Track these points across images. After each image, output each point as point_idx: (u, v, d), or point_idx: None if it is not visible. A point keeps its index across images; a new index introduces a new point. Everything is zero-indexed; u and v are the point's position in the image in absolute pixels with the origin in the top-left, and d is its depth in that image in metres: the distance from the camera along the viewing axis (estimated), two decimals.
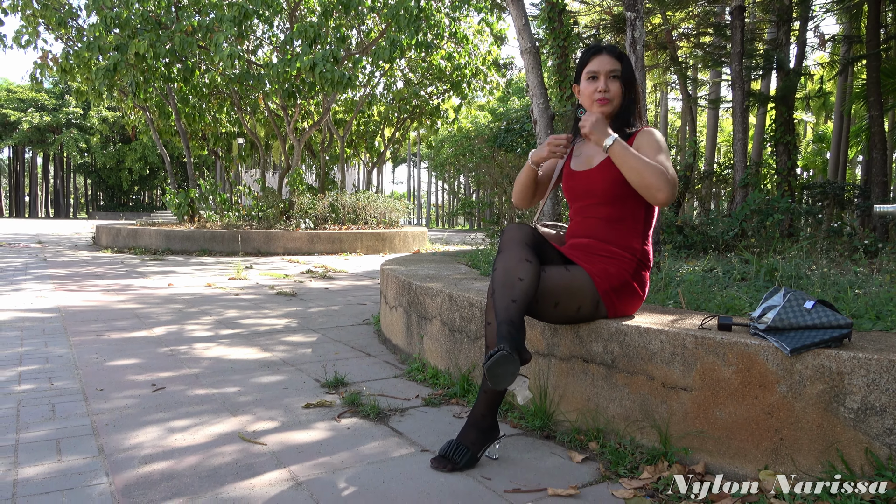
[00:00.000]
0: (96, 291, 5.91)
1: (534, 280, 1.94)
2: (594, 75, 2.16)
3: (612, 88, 2.15)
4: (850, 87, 13.62)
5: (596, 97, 2.15)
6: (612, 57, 2.16)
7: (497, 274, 1.95)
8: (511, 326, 1.86)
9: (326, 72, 10.13)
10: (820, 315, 1.74)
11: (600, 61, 2.16)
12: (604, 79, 2.15)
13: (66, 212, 55.35)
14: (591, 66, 2.17)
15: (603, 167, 2.16)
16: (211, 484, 1.80)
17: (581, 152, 2.30)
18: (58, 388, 2.75)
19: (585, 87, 2.19)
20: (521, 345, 1.87)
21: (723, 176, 9.00)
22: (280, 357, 3.41)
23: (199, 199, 13.70)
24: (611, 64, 2.15)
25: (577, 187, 2.24)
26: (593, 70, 2.16)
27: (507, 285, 1.92)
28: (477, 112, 26.96)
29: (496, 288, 1.94)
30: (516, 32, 4.52)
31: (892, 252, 4.36)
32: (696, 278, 3.17)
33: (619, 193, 2.13)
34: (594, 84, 2.16)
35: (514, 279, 1.92)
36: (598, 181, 2.16)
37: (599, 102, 2.15)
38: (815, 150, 24.72)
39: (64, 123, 45.93)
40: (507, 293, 1.91)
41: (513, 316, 1.88)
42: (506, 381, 1.78)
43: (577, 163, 2.28)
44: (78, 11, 12.72)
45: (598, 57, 2.17)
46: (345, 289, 6.45)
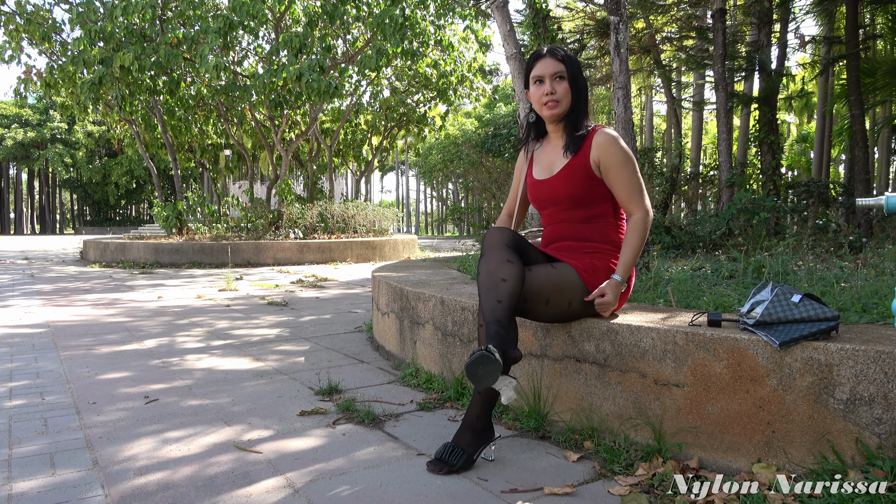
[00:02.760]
0: (85, 306, 5.86)
1: (517, 280, 1.95)
2: (540, 79, 2.18)
3: (558, 90, 2.16)
4: (831, 87, 13.80)
5: (544, 101, 2.17)
6: (554, 59, 2.16)
7: (481, 278, 1.97)
8: (499, 326, 1.87)
9: (313, 81, 10.14)
10: (808, 308, 1.76)
11: (543, 65, 2.17)
12: (549, 81, 2.16)
13: (52, 227, 54.82)
14: (535, 71, 2.19)
15: (563, 174, 2.19)
16: (208, 493, 1.80)
17: (540, 159, 2.31)
18: (49, 402, 2.73)
19: (534, 92, 2.21)
20: (508, 344, 1.87)
21: (709, 177, 9.08)
22: (273, 366, 3.40)
23: (187, 211, 13.63)
24: (554, 66, 2.16)
25: (542, 196, 2.27)
26: (538, 74, 2.18)
27: (491, 288, 1.93)
28: (464, 119, 27.04)
29: (481, 292, 1.96)
30: (501, 39, 4.56)
31: (876, 247, 4.42)
32: (685, 277, 3.20)
33: (582, 197, 2.17)
34: (541, 88, 2.17)
35: (498, 281, 1.93)
36: (561, 188, 2.19)
37: (548, 106, 2.17)
38: (798, 150, 24.99)
39: (49, 138, 45.55)
40: (492, 295, 1.92)
41: (499, 316, 1.89)
42: (486, 381, 1.77)
43: (539, 170, 2.30)
44: (62, 25, 12.65)
45: (540, 61, 2.18)
46: (336, 297, 6.44)
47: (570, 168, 2.17)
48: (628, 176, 2.13)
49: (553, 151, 2.26)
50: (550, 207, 2.26)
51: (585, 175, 2.15)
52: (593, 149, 2.15)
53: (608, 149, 2.13)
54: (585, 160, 2.16)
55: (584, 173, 2.15)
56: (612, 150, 2.12)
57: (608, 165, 2.13)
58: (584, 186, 2.15)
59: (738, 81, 11.14)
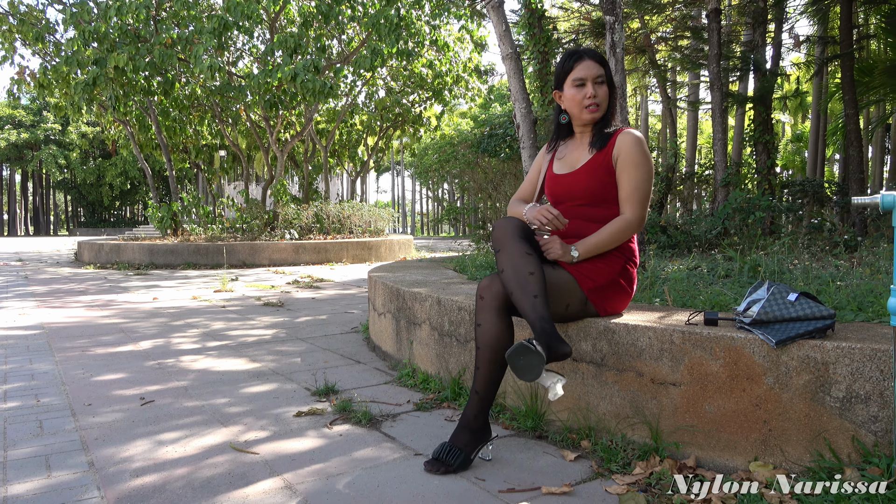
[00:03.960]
0: (80, 307, 5.84)
1: (542, 270, 1.95)
2: (581, 82, 2.16)
3: (600, 93, 2.16)
4: (825, 87, 13.84)
5: (586, 104, 2.16)
6: (595, 62, 2.16)
7: (508, 274, 1.94)
8: (544, 322, 1.84)
9: (308, 81, 10.13)
10: (804, 307, 1.77)
11: (587, 67, 2.15)
12: (592, 85, 2.15)
13: (46, 229, 54.57)
14: (577, 73, 2.16)
15: (586, 169, 2.18)
16: (205, 494, 1.79)
17: (564, 155, 2.31)
18: (45, 404, 2.72)
19: (574, 94, 2.18)
20: (554, 339, 1.82)
21: (704, 176, 9.10)
22: (269, 367, 3.39)
23: (182, 212, 13.58)
24: (596, 70, 2.15)
25: (560, 190, 2.26)
26: (580, 77, 2.16)
27: (522, 284, 1.91)
28: (459, 119, 27.04)
29: (513, 290, 1.92)
30: (497, 39, 4.56)
31: (871, 246, 4.43)
32: (682, 276, 3.21)
33: (600, 195, 2.16)
34: (582, 91, 2.16)
35: (526, 275, 1.92)
36: (581, 182, 2.18)
37: (590, 110, 2.16)
38: (793, 150, 25.05)
39: (42, 140, 45.33)
40: (527, 291, 1.90)
41: (542, 312, 1.86)
42: (529, 373, 1.77)
43: (560, 166, 2.30)
44: (55, 26, 12.59)
45: (582, 62, 2.16)
46: (332, 298, 6.43)
47: (593, 163, 2.17)
48: (639, 179, 2.12)
49: (578, 149, 2.26)
50: (567, 202, 2.25)
51: (605, 172, 2.15)
52: (616, 145, 2.15)
53: (629, 148, 2.13)
54: (608, 157, 2.16)
55: (604, 170, 2.16)
56: (632, 150, 2.13)
57: (624, 163, 2.13)
58: (603, 183, 2.15)
59: (733, 81, 11.18)
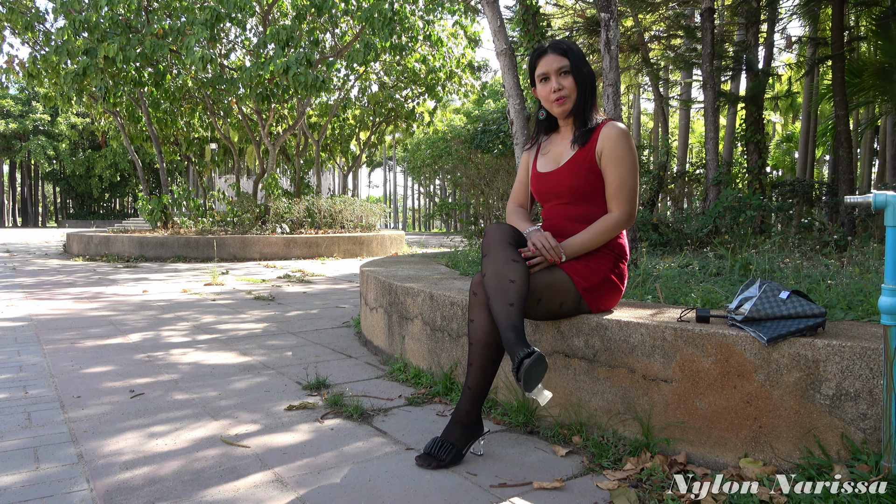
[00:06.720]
0: (68, 299, 5.79)
1: (525, 279, 1.94)
2: (545, 77, 2.16)
3: (565, 85, 2.14)
4: (816, 88, 13.92)
5: (552, 98, 2.15)
6: (557, 54, 2.14)
7: (489, 279, 1.94)
8: (515, 332, 1.84)
9: (300, 75, 10.08)
10: (795, 305, 1.78)
11: (547, 61, 2.15)
12: (555, 77, 2.14)
13: (34, 220, 54.09)
14: (540, 69, 2.17)
15: (568, 167, 2.17)
16: (195, 487, 1.78)
17: (548, 151, 2.29)
18: (33, 396, 2.70)
19: (541, 90, 2.19)
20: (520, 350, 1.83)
21: (695, 175, 9.13)
22: (260, 361, 3.38)
23: (172, 205, 13.50)
24: (558, 61, 2.13)
25: (545, 188, 2.25)
26: (543, 72, 2.16)
27: (501, 290, 1.90)
28: (452, 115, 27.01)
29: (490, 294, 1.92)
30: (492, 34, 4.55)
31: (860, 246, 4.47)
32: (673, 274, 3.22)
33: (584, 192, 2.15)
34: (547, 85, 2.16)
35: (506, 282, 1.91)
36: (564, 180, 2.17)
37: (557, 103, 2.16)
38: (783, 150, 25.21)
39: (31, 130, 44.87)
40: (503, 298, 1.89)
41: (514, 321, 1.86)
42: (535, 383, 1.77)
43: (544, 163, 2.28)
44: (45, 15, 12.46)
45: (544, 58, 2.16)
46: (323, 292, 6.41)
47: (575, 160, 2.15)
48: (624, 173, 2.10)
49: (561, 144, 2.24)
50: (552, 200, 2.24)
51: (589, 168, 2.13)
52: (599, 140, 2.13)
53: (613, 141, 2.11)
54: (591, 152, 2.14)
55: (587, 166, 2.14)
56: (616, 144, 2.10)
57: (608, 158, 2.10)
58: (587, 180, 2.13)
59: (725, 81, 11.21)
